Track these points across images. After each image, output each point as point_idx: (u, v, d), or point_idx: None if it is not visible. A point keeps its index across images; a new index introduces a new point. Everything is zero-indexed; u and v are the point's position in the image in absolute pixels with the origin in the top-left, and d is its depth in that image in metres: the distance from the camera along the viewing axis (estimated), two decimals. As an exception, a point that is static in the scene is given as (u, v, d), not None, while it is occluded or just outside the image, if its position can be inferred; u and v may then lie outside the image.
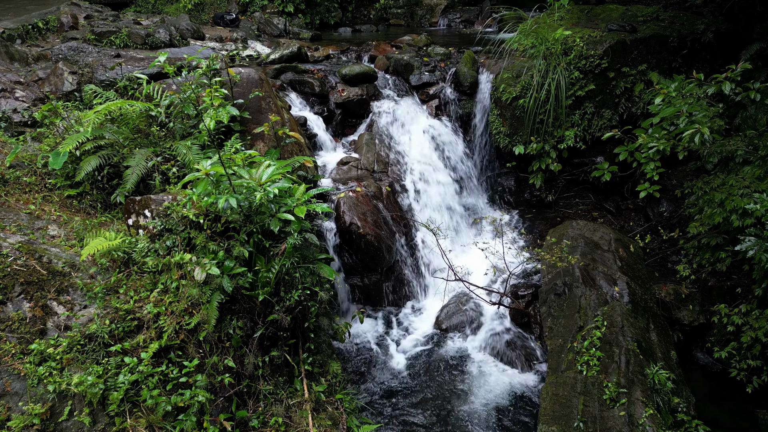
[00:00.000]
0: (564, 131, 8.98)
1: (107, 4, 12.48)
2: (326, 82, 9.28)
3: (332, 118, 9.10)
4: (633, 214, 9.25)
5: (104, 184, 5.45)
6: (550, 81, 8.69)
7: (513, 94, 8.89)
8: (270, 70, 9.09)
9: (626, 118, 9.29)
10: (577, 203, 9.56)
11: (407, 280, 7.76)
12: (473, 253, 8.40)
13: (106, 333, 3.97)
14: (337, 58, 10.62)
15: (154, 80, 6.74)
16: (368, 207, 7.48)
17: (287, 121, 6.72)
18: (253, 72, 6.30)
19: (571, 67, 8.86)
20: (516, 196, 9.68)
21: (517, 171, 9.66)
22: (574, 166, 9.51)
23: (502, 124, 9.25)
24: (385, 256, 7.37)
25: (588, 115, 9.10)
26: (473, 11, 14.20)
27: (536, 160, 9.18)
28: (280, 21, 12.83)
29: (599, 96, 9.05)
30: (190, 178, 4.51)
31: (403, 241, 7.84)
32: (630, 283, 6.23)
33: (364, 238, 7.19)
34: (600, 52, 8.81)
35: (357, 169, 8.42)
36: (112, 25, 10.20)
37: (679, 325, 6.70)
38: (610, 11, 10.57)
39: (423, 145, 9.12)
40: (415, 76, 9.75)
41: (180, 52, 8.63)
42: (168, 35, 10.10)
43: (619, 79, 9.07)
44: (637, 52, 9.11)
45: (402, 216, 8.02)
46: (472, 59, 9.87)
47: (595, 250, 6.55)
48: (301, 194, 4.59)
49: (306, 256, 4.78)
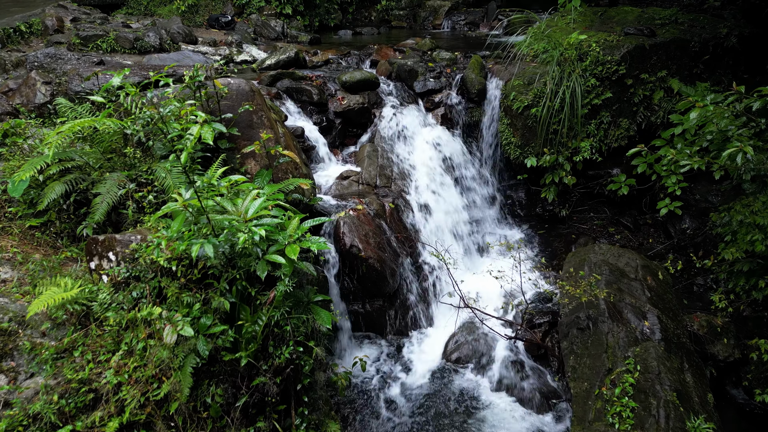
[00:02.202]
0: (579, 142, 8.20)
1: (97, 6, 11.67)
2: (325, 89, 8.49)
3: (332, 128, 8.31)
4: (652, 230, 8.48)
5: (71, 213, 4.68)
6: (564, 89, 7.91)
7: (525, 103, 8.11)
8: (265, 77, 8.30)
9: (645, 127, 8.51)
10: (591, 218, 8.78)
11: (413, 305, 6.98)
12: (482, 273, 7.64)
13: (53, 412, 3.19)
14: (337, 64, 9.82)
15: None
16: (370, 227, 6.71)
17: (282, 135, 5.94)
18: (243, 83, 5.52)
19: (587, 73, 8.07)
20: (527, 210, 8.90)
21: (528, 183, 8.88)
22: (588, 178, 8.73)
23: (512, 134, 8.47)
24: (389, 282, 6.60)
25: (604, 125, 8.32)
26: (478, 13, 13.37)
27: (549, 172, 8.40)
28: (278, 23, 12.02)
29: (616, 104, 8.27)
30: (166, 211, 3.76)
31: (408, 263, 7.06)
32: (661, 317, 5.47)
33: (366, 262, 6.42)
34: (617, 57, 8.03)
35: (358, 183, 7.64)
36: (99, 29, 9.41)
37: (712, 360, 5.93)
38: (624, 14, 9.78)
39: (428, 157, 8.34)
40: (419, 82, 8.96)
41: (168, 58, 7.85)
42: (158, 39, 9.32)
43: (637, 86, 8.28)
44: (657, 58, 8.32)
45: (407, 235, 7.25)
46: (480, 65, 9.08)
47: (620, 278, 5.78)
48: (294, 229, 3.83)
49: (299, 299, 4.01)
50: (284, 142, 5.95)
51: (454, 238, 7.85)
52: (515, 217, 8.85)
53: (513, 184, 9.10)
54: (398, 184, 7.79)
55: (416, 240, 7.27)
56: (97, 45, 9.05)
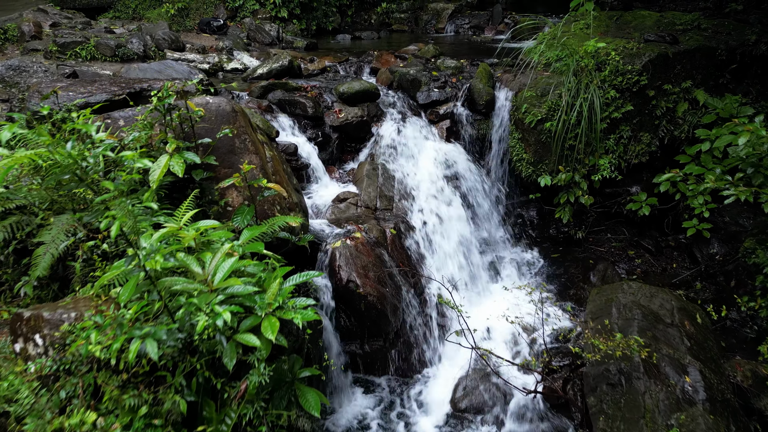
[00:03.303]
0: (597, 159, 7.38)
1: (81, 10, 10.81)
2: (321, 101, 7.66)
3: (328, 143, 7.49)
4: (675, 253, 7.66)
5: (11, 264, 3.89)
6: (581, 101, 7.08)
7: (538, 117, 7.28)
8: (256, 88, 7.48)
9: (668, 142, 7.68)
10: (609, 239, 7.96)
11: (417, 344, 6.16)
12: (494, 303, 6.84)
13: None
14: (335, 72, 8.99)
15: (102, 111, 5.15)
16: (369, 258, 5.89)
17: (269, 160, 5.13)
18: (224, 102, 4.71)
19: (606, 84, 7.26)
20: (539, 231, 8.07)
21: (540, 202, 8.07)
22: (605, 196, 7.90)
23: (524, 150, 7.65)
24: (390, 321, 5.79)
25: (624, 140, 7.49)
26: (483, 16, 12.51)
27: (564, 191, 7.58)
28: (273, 27, 11.17)
29: (637, 117, 7.45)
30: (113, 275, 2.97)
31: (412, 296, 6.25)
32: (704, 371, 4.66)
33: (365, 300, 5.61)
34: (638, 67, 7.20)
35: (356, 206, 6.82)
36: (79, 35, 8.57)
37: (758, 415, 5.12)
38: (642, 18, 8.94)
39: (433, 175, 7.52)
40: (422, 93, 8.13)
41: (149, 68, 7.02)
42: (142, 46, 8.48)
43: (659, 98, 7.45)
44: (681, 67, 7.49)
45: (410, 264, 6.44)
46: (488, 74, 8.25)
47: (655, 324, 4.97)
48: (274, 294, 3.03)
49: (280, 376, 3.19)
50: (272, 167, 5.13)
51: (462, 264, 7.03)
52: (527, 238, 8.03)
53: (524, 201, 8.28)
54: (400, 206, 6.98)
55: (420, 271, 6.45)
56: (76, 53, 8.22)
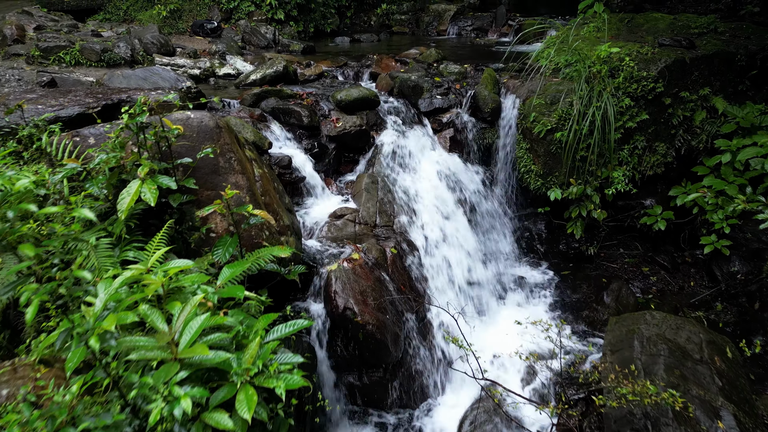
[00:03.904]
0: (610, 171, 6.89)
1: (69, 12, 10.30)
2: (317, 109, 7.16)
3: (324, 154, 6.98)
4: (692, 270, 7.16)
5: (-41, 307, 3.41)
6: (594, 110, 6.58)
7: (548, 126, 6.78)
8: (248, 96, 6.97)
9: (685, 153, 7.19)
10: (621, 255, 7.45)
11: (419, 373, 5.67)
12: (501, 327, 6.36)
13: None
14: (332, 78, 8.48)
15: (76, 127, 4.66)
16: (368, 282, 5.40)
17: (258, 179, 4.64)
18: (206, 118, 4.22)
19: (620, 92, 6.76)
20: (548, 246, 7.57)
21: (549, 215, 7.57)
22: (617, 209, 7.40)
23: (532, 161, 7.14)
24: (391, 351, 5.29)
25: (638, 151, 6.99)
26: (486, 18, 11.98)
27: (575, 205, 7.09)
28: (269, 30, 10.66)
29: (652, 127, 6.94)
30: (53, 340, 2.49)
31: (414, 321, 5.75)
32: (738, 415, 4.18)
33: (363, 329, 5.11)
34: (654, 73, 6.70)
35: (354, 223, 6.32)
36: (64, 39, 8.06)
37: (794, 459, 4.67)
38: (655, 21, 8.43)
39: (436, 187, 7.02)
40: (424, 100, 7.62)
41: (133, 75, 6.51)
42: (129, 50, 7.97)
43: (676, 106, 6.95)
44: (698, 73, 6.98)
45: (412, 287, 5.95)
46: (494, 79, 7.75)
47: (683, 361, 4.48)
48: (253, 356, 2.53)
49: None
50: (261, 187, 4.63)
51: (467, 284, 6.54)
52: (535, 253, 7.53)
53: (531, 213, 7.77)
54: (401, 222, 6.48)
55: (423, 294, 5.96)
56: (60, 58, 7.72)
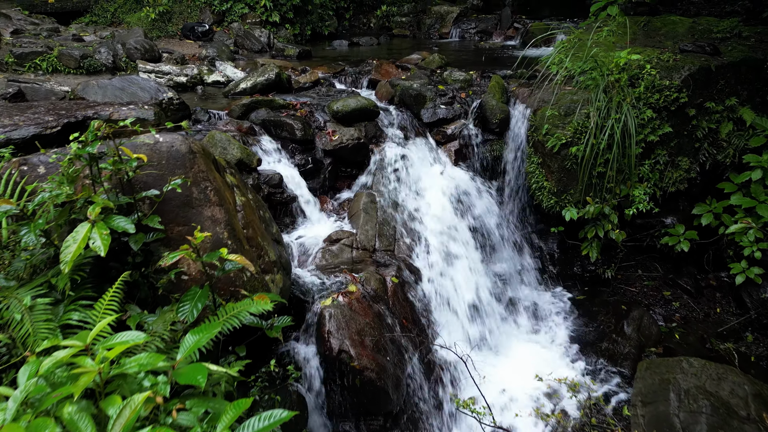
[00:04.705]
0: (630, 189, 6.27)
1: (52, 15, 9.68)
2: (312, 121, 6.54)
3: (319, 170, 6.36)
4: (718, 294, 6.55)
5: None
6: (613, 122, 5.97)
7: (562, 140, 6.16)
8: (236, 107, 6.35)
9: (709, 168, 6.57)
10: (640, 277, 6.84)
11: (424, 420, 5.07)
12: (514, 363, 5.76)
13: None
14: (329, 85, 7.85)
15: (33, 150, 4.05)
16: (366, 318, 4.78)
17: (240, 208, 4.04)
18: (178, 141, 3.59)
19: (641, 103, 6.15)
20: (561, 267, 6.95)
21: (563, 235, 6.96)
22: (636, 228, 6.77)
23: (545, 177, 6.52)
24: (392, 397, 4.67)
25: (660, 166, 6.38)
26: (490, 20, 11.34)
27: (591, 224, 6.47)
28: (263, 33, 10.03)
29: (675, 140, 6.32)
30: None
31: (417, 360, 5.15)
32: (793, 484, 3.60)
33: (361, 374, 4.49)
34: (677, 82, 6.08)
35: (351, 248, 5.70)
36: (41, 44, 7.43)
37: None
38: (673, 24, 7.79)
39: (440, 206, 6.40)
40: (428, 110, 7.00)
41: (110, 84, 5.89)
42: (111, 56, 7.35)
43: (700, 117, 6.33)
44: (725, 82, 6.35)
45: (415, 321, 5.33)
46: (502, 88, 7.13)
47: (728, 419, 3.88)
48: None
49: None
50: (243, 218, 4.01)
51: (475, 314, 5.93)
52: (547, 276, 6.91)
53: (542, 231, 7.15)
54: (403, 246, 5.86)
55: (427, 328, 5.35)
56: (36, 64, 7.10)
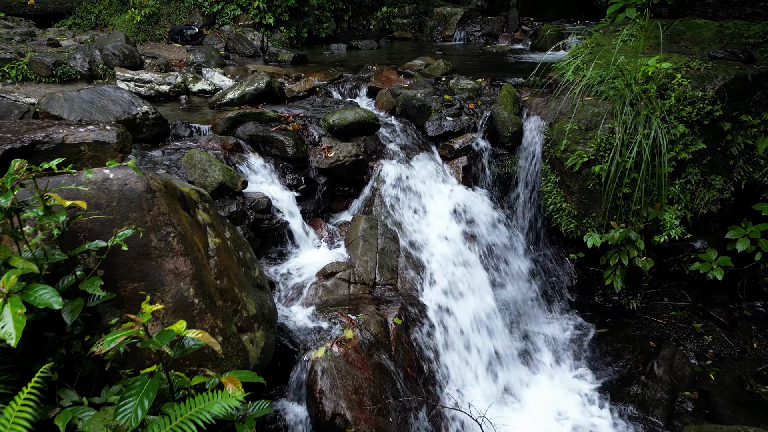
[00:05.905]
0: (660, 212, 5.56)
1: (32, 17, 8.94)
2: (305, 135, 5.82)
3: (313, 191, 5.63)
4: (755, 327, 5.84)
5: None
6: (641, 138, 5.26)
7: (584, 158, 5.45)
8: (221, 121, 5.62)
9: (744, 187, 5.87)
10: (666, 306, 6.13)
11: (431, 483, 4.39)
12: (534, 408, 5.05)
13: None
14: (325, 94, 7.12)
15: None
16: (365, 372, 4.08)
17: (214, 253, 3.33)
18: (132, 178, 2.86)
19: (671, 117, 5.44)
20: (580, 295, 6.23)
21: (583, 261, 6.25)
22: (662, 252, 6.05)
23: (564, 198, 5.81)
24: (396, 465, 3.99)
25: (691, 186, 5.67)
26: (496, 22, 10.60)
27: (614, 250, 5.76)
28: (256, 36, 9.30)
29: (707, 157, 5.61)
30: None
31: (422, 418, 4.45)
32: None
33: (360, 440, 3.81)
34: (711, 93, 5.37)
35: (348, 282, 4.97)
36: (12, 49, 6.71)
37: None
38: (698, 28, 7.05)
39: (448, 230, 5.68)
40: (433, 122, 6.27)
41: (77, 97, 5.16)
42: (87, 63, 6.63)
43: (736, 132, 5.62)
44: (762, 93, 5.63)
45: (420, 367, 4.63)
46: (514, 98, 6.42)
47: None
48: None
49: None
50: (217, 266, 3.29)
51: (489, 354, 5.22)
52: (565, 305, 6.19)
53: (559, 256, 6.46)
54: (407, 278, 5.15)
55: (434, 375, 4.64)
56: (5, 72, 6.40)
